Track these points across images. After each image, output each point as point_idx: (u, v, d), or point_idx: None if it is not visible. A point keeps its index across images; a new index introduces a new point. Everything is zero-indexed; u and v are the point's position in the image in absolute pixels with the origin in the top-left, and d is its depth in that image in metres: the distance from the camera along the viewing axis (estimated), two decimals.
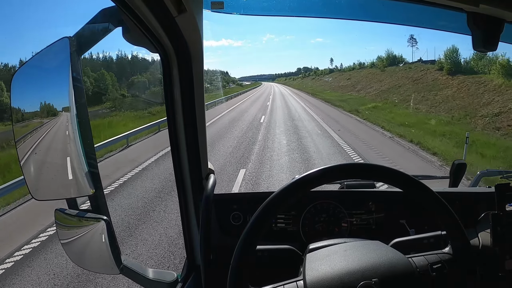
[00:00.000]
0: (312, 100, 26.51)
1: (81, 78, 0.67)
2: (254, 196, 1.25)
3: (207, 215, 0.93)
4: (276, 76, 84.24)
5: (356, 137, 10.01)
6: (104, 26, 0.75)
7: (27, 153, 0.68)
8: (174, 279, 0.92)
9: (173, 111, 0.94)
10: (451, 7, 0.78)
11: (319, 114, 16.41)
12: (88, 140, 0.68)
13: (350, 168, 0.70)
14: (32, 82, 0.70)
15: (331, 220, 1.16)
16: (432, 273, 0.68)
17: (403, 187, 0.70)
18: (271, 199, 0.66)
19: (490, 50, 0.79)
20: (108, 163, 7.56)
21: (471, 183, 1.64)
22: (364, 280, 0.63)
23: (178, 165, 0.99)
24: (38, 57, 0.70)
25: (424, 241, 0.86)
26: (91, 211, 0.72)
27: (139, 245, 3.81)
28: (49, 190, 0.72)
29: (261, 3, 0.99)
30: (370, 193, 1.20)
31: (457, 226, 0.68)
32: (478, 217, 1.02)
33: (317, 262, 0.70)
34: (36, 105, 0.70)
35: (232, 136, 10.08)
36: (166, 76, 0.91)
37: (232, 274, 0.64)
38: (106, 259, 0.71)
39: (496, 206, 0.86)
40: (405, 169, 0.89)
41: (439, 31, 1.03)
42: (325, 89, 35.53)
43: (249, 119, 14.08)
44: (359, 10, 1.06)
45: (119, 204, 5.00)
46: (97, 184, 0.69)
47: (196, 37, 0.85)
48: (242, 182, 5.68)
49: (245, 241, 0.64)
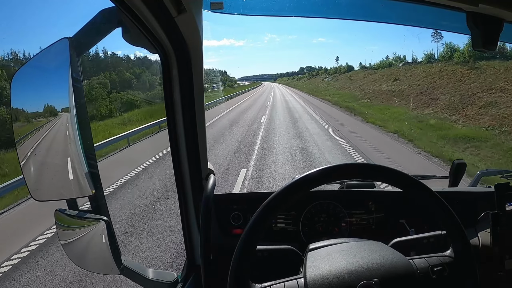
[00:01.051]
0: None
1: (81, 78, 0.67)
2: (254, 196, 1.25)
3: (207, 215, 0.93)
4: (277, 75, 79.47)
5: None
6: (104, 26, 0.75)
7: (27, 154, 0.68)
8: (174, 279, 0.92)
9: (173, 112, 0.94)
10: (451, 7, 0.78)
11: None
12: (88, 140, 0.68)
13: (350, 168, 0.70)
14: (32, 83, 0.70)
15: (331, 220, 1.17)
16: (432, 276, 0.68)
17: (403, 187, 0.70)
18: (271, 199, 0.66)
19: (490, 49, 0.79)
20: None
21: (471, 182, 1.63)
22: (365, 280, 0.63)
23: (178, 165, 0.99)
24: (38, 57, 0.70)
25: (424, 241, 0.86)
26: (91, 212, 0.72)
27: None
28: (49, 191, 0.72)
29: (261, 3, 0.99)
30: (370, 193, 1.20)
31: (457, 226, 0.68)
32: (478, 216, 1.02)
33: (318, 261, 0.70)
34: (36, 105, 0.70)
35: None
36: (165, 76, 0.91)
37: (233, 274, 0.64)
38: (106, 259, 0.71)
39: (495, 205, 0.86)
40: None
41: (439, 30, 1.01)
42: (364, 96, 20.39)
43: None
44: (359, 10, 1.06)
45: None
46: (97, 184, 0.70)
47: (195, 37, 0.85)
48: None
49: (245, 241, 0.65)
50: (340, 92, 26.14)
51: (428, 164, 6.71)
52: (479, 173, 1.63)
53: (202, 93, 0.95)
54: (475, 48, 0.80)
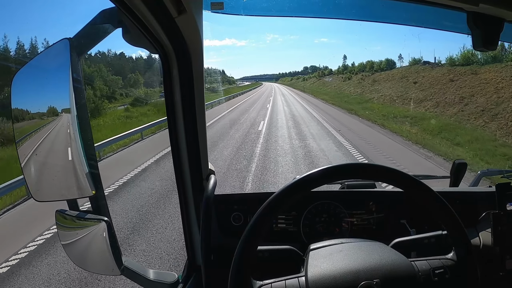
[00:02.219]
0: None
1: (81, 79, 0.67)
2: (254, 197, 1.25)
3: (207, 216, 0.93)
4: (280, 75, 72.08)
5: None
6: (104, 27, 0.75)
7: (28, 154, 0.68)
8: (175, 279, 0.92)
9: (173, 112, 0.94)
10: (451, 7, 0.78)
11: None
12: (89, 141, 0.68)
13: (350, 168, 0.70)
14: (33, 83, 0.70)
15: (331, 220, 1.16)
16: (434, 278, 0.68)
17: (404, 187, 0.69)
18: (272, 199, 0.66)
19: (490, 49, 0.79)
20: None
21: (472, 182, 1.63)
22: (366, 280, 0.63)
23: (179, 165, 0.99)
24: (39, 58, 0.71)
25: (425, 241, 0.86)
26: (92, 212, 0.72)
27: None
28: (50, 191, 0.72)
29: (261, 3, 0.99)
30: (371, 193, 1.20)
31: (458, 226, 0.68)
32: (479, 216, 1.02)
33: (319, 260, 0.70)
34: (37, 106, 0.70)
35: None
36: (166, 77, 0.91)
37: (233, 275, 0.64)
38: (107, 260, 0.71)
39: (496, 205, 0.86)
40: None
41: (439, 30, 1.03)
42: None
43: None
44: (359, 10, 1.06)
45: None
46: (98, 185, 0.70)
47: (196, 37, 0.85)
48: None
49: (246, 241, 0.64)
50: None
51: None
52: (480, 173, 1.63)
53: (203, 93, 0.95)
54: (475, 48, 0.80)
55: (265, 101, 23.76)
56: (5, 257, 3.73)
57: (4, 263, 3.64)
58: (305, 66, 64.76)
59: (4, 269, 3.51)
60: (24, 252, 3.83)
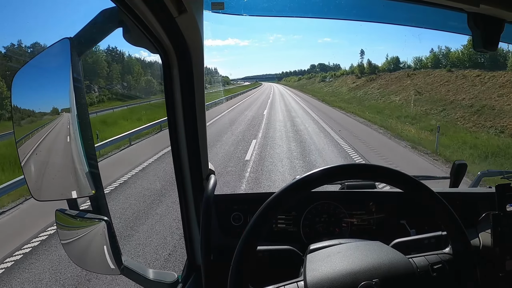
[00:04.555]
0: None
1: (81, 78, 0.67)
2: (254, 197, 1.24)
3: (207, 216, 0.93)
4: (283, 75, 63.38)
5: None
6: (105, 26, 0.75)
7: (28, 154, 0.68)
8: (174, 279, 0.92)
9: (174, 112, 0.94)
10: (452, 7, 0.78)
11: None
12: (89, 140, 0.68)
13: (350, 169, 0.70)
14: (33, 83, 0.70)
15: (331, 220, 1.16)
16: (432, 274, 0.68)
17: (404, 188, 0.69)
18: (272, 199, 0.66)
19: (491, 50, 0.79)
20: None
21: (472, 183, 1.63)
22: (365, 281, 0.63)
23: (179, 165, 0.99)
24: (39, 57, 0.71)
25: (425, 242, 0.86)
26: (92, 212, 0.72)
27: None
28: (50, 191, 0.72)
29: (262, 3, 0.99)
30: (371, 194, 1.20)
31: (458, 227, 0.68)
32: (478, 217, 1.02)
33: (317, 263, 0.70)
34: (37, 105, 0.70)
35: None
36: (166, 76, 0.91)
37: (233, 275, 0.64)
38: (106, 259, 0.71)
39: (496, 206, 0.86)
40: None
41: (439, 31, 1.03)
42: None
43: None
44: (359, 10, 1.06)
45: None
46: (98, 184, 0.70)
47: (196, 37, 0.85)
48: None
49: (246, 241, 0.64)
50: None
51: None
52: (480, 173, 1.63)
53: (203, 93, 0.95)
54: (476, 48, 0.80)
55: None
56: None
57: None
58: (312, 64, 58.73)
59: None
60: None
